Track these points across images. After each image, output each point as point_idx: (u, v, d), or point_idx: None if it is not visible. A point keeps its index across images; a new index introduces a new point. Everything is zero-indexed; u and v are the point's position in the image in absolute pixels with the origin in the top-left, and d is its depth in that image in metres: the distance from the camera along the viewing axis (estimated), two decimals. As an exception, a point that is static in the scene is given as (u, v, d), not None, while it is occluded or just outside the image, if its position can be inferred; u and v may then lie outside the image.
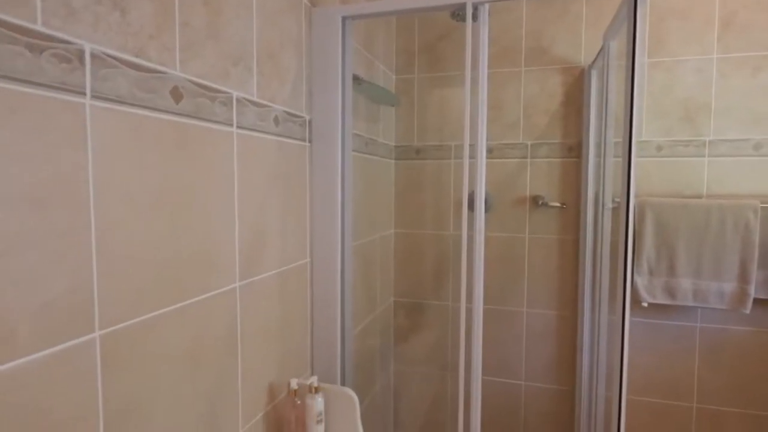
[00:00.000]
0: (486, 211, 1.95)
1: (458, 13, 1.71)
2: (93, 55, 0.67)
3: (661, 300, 1.75)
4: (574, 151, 1.90)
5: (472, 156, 1.25)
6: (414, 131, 2.13)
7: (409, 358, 2.20)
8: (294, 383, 1.13)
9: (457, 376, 1.28)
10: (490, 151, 1.99)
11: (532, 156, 1.96)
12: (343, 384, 1.37)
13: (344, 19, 1.33)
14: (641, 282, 1.76)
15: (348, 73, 1.35)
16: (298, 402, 1.13)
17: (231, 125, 0.99)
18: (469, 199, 1.28)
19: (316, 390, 1.15)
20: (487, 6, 1.18)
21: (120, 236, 0.72)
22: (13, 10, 0.56)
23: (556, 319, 1.98)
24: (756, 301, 1.69)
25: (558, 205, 1.93)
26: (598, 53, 1.68)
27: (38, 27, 0.59)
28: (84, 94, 0.66)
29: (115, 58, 0.70)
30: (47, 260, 0.61)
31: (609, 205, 1.66)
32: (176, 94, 0.83)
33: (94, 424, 0.68)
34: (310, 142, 1.34)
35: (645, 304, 1.77)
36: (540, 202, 1.94)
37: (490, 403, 2.06)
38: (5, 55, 0.56)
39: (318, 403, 1.14)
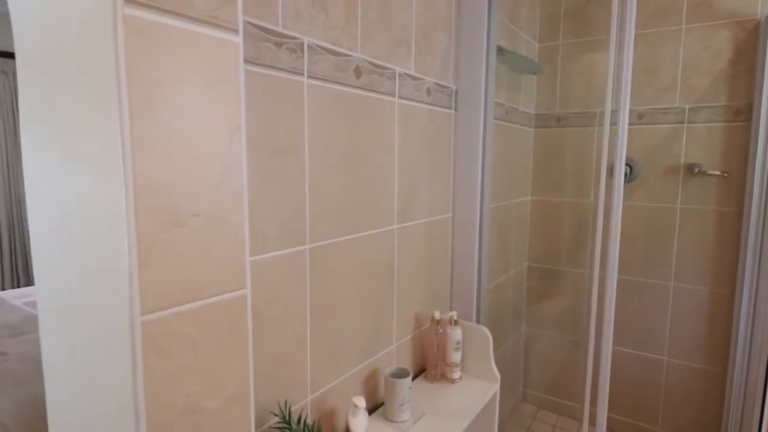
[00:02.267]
0: (631, 179, 1.91)
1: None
2: (309, 47, 0.93)
3: None
4: (743, 114, 1.73)
5: (614, 122, 1.28)
6: (556, 99, 2.14)
7: (541, 322, 2.27)
8: (437, 314, 1.35)
9: (587, 344, 1.36)
10: (639, 116, 1.92)
11: (689, 121, 1.83)
12: (477, 326, 1.55)
13: (491, -6, 1.44)
14: (821, 260, 1.56)
15: (492, 45, 1.47)
16: (440, 331, 1.35)
17: (394, 96, 1.21)
18: (610, 166, 1.31)
19: (456, 323, 1.35)
20: (637, -33, 1.19)
21: (321, 179, 0.99)
22: (267, 18, 0.84)
23: (708, 296, 1.86)
24: None
25: (718, 173, 1.79)
26: (780, 2, 1.50)
27: (279, 28, 0.86)
28: (303, 74, 0.92)
29: (321, 47, 0.96)
30: (282, 190, 0.90)
31: (781, 172, 1.51)
32: (357, 72, 1.07)
33: (304, 306, 0.97)
34: (455, 110, 1.50)
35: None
36: (696, 171, 1.82)
37: (626, 375, 2.04)
38: (262, 49, 0.83)
39: (457, 333, 1.34)
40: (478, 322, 1.55)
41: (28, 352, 1.66)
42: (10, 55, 4.29)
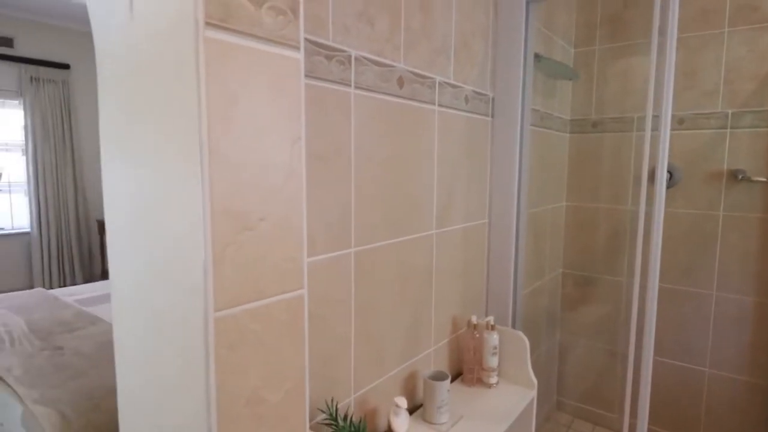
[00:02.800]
0: (671, 185, 1.88)
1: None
2: (356, 58, 0.97)
3: None
4: (791, 118, 1.68)
5: (655, 128, 1.27)
6: (592, 104, 2.12)
7: (576, 329, 2.25)
8: (474, 319, 1.36)
9: (627, 353, 1.35)
10: (680, 121, 1.88)
11: (732, 126, 1.79)
12: (513, 332, 1.55)
13: (528, 3, 1.46)
14: None
15: (530, 52, 1.48)
16: (477, 335, 1.36)
17: (434, 104, 1.24)
18: (650, 172, 1.31)
19: (493, 327, 1.36)
20: (680, -27, 1.19)
21: (365, 185, 1.03)
22: (319, 33, 0.88)
23: (753, 306, 1.81)
24: None
25: (763, 180, 1.74)
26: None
27: (330, 42, 0.91)
28: (350, 85, 0.96)
29: (367, 59, 1.00)
30: (331, 196, 0.94)
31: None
32: (400, 82, 1.11)
33: (349, 307, 1.01)
34: (492, 117, 1.52)
35: None
36: (740, 177, 1.78)
37: (664, 386, 2.00)
38: (315, 63, 0.88)
39: (494, 338, 1.35)
40: (513, 327, 1.56)
41: (81, 347, 1.76)
42: (63, 66, 4.54)
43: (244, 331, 0.62)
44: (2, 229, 4.38)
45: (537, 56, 1.57)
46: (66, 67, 4.54)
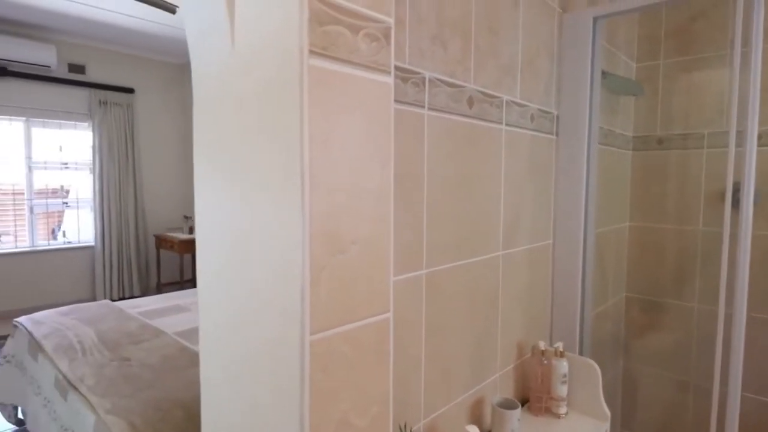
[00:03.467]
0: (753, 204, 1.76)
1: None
2: (429, 80, 0.97)
3: None
4: None
5: (739, 144, 1.20)
6: (657, 120, 2.03)
7: (641, 357, 2.12)
8: (542, 344, 1.31)
9: (710, 389, 1.25)
10: (758, 137, 1.77)
11: (820, 142, 1.66)
12: (580, 358, 1.48)
13: (595, 19, 1.42)
14: None
15: (597, 69, 1.44)
16: (545, 362, 1.30)
17: (501, 123, 1.22)
18: (732, 192, 1.23)
19: (562, 354, 1.31)
20: (768, -16, 1.13)
21: (436, 206, 1.02)
22: (397, 57, 0.89)
23: None
24: None
25: None
26: None
27: (406, 65, 0.92)
28: (423, 107, 0.97)
29: (440, 80, 1.00)
30: (405, 216, 0.93)
31: None
32: (470, 102, 1.10)
33: (420, 329, 0.99)
34: (556, 135, 1.48)
35: None
36: (830, 197, 1.64)
37: (753, 425, 1.84)
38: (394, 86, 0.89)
39: (563, 366, 1.29)
40: (580, 353, 1.48)
41: (147, 358, 1.83)
42: (128, 90, 4.85)
43: (336, 355, 0.61)
44: (69, 242, 4.67)
45: (603, 73, 1.53)
46: (131, 91, 4.85)
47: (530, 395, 1.34)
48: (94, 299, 4.55)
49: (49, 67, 4.22)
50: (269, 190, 0.61)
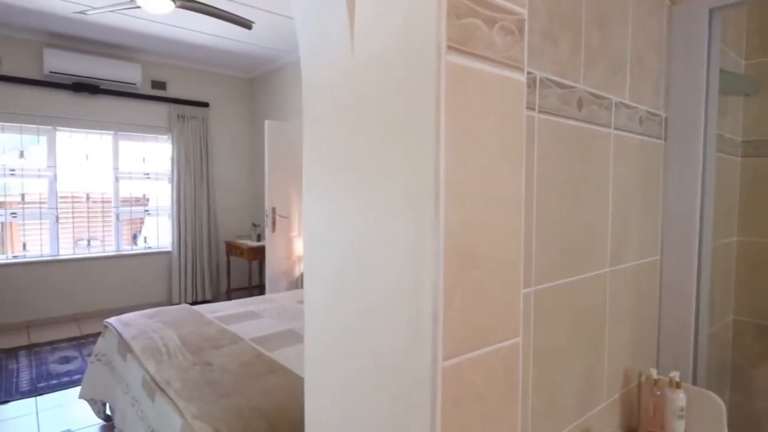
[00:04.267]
0: None
1: None
2: (540, 81, 0.89)
3: None
4: None
5: None
6: (773, 123, 1.81)
7: (753, 389, 1.87)
8: (654, 373, 1.17)
9: None
10: None
11: None
12: (694, 390, 1.32)
13: (712, 11, 1.28)
14: None
15: (714, 67, 1.29)
16: (657, 393, 1.16)
17: (609, 127, 1.11)
18: None
19: (678, 385, 1.16)
20: None
21: (545, 217, 0.93)
22: (508, 56, 0.82)
23: None
24: None
25: None
26: None
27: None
28: (534, 109, 0.89)
29: (550, 80, 0.92)
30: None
31: None
32: (579, 104, 1.01)
33: (528, 350, 0.90)
34: (664, 139, 1.34)
35: None
36: None
37: None
38: (503, 87, 0.82)
39: (679, 398, 1.15)
40: (694, 383, 1.32)
41: (227, 364, 1.86)
42: (204, 104, 5.12)
43: (467, 384, 0.55)
44: (149, 247, 4.97)
45: (721, 71, 1.37)
46: (206, 105, 5.12)
47: (640, 429, 1.20)
48: (170, 302, 4.80)
49: (135, 84, 4.54)
50: (395, 201, 0.56)
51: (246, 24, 3.04)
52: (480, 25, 0.54)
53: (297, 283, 4.29)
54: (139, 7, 2.71)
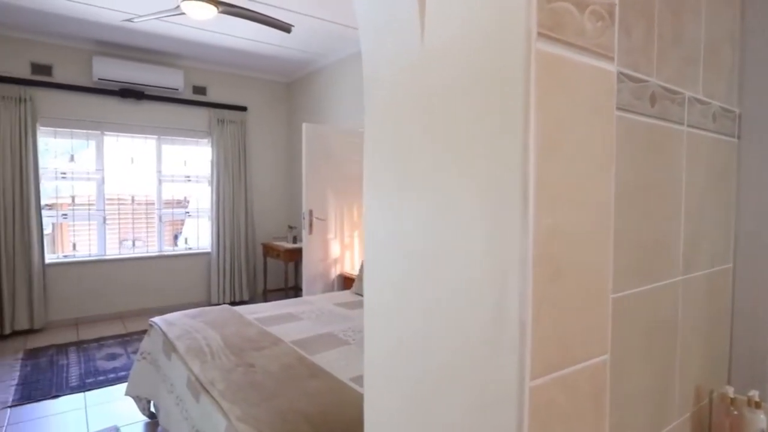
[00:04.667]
0: None
1: None
2: (615, 74, 0.83)
3: None
4: None
5: None
6: None
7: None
8: (730, 391, 1.07)
9: None
10: None
11: None
12: (773, 410, 1.20)
13: (795, -5, 1.17)
14: None
15: (797, 56, 1.18)
16: (735, 413, 1.07)
17: (682, 124, 1.03)
18: None
19: (758, 405, 1.06)
20: None
21: (618, 220, 0.86)
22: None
23: None
24: None
25: None
26: None
27: (589, 57, 0.78)
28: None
29: (624, 74, 0.85)
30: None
31: None
32: (652, 99, 0.93)
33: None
34: (738, 138, 1.24)
35: None
36: None
37: None
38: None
39: (760, 419, 1.05)
40: (773, 405, 1.21)
41: (268, 366, 1.85)
42: (242, 108, 5.21)
43: (552, 406, 0.50)
44: (190, 248, 5.10)
45: (802, 61, 1.25)
46: (244, 109, 5.22)
47: (714, 452, 1.10)
48: (209, 302, 4.90)
49: (177, 89, 4.68)
50: (472, 203, 0.52)
51: (285, 27, 3.06)
52: (571, 9, 0.49)
53: (333, 285, 4.30)
54: (183, 13, 2.77)
